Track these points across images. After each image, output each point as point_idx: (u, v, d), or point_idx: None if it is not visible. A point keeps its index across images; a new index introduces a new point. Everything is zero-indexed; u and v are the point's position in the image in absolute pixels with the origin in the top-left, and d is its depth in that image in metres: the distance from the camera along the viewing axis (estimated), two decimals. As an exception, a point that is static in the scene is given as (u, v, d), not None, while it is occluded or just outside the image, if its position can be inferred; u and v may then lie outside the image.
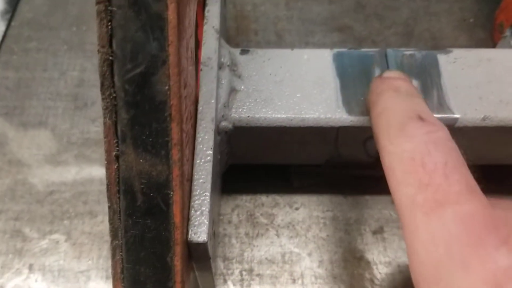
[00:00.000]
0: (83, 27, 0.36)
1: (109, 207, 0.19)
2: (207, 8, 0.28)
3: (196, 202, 0.21)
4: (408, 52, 0.27)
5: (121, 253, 0.20)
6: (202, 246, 0.21)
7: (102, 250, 0.28)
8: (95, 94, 0.33)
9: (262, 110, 0.25)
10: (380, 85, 0.23)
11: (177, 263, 0.19)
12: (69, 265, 0.28)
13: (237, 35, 0.37)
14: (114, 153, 0.19)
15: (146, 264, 0.20)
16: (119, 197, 0.19)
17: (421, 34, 0.36)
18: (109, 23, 0.17)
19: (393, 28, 0.37)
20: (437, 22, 0.37)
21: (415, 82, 0.26)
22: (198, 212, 0.21)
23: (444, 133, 0.20)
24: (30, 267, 0.28)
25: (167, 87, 0.18)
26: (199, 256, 0.21)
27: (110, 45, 0.17)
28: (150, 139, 0.18)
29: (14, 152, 0.31)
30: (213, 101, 0.24)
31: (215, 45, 0.26)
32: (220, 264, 0.28)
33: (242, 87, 0.26)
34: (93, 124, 0.32)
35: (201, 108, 0.24)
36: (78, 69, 0.35)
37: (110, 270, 0.20)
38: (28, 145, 0.31)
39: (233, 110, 0.25)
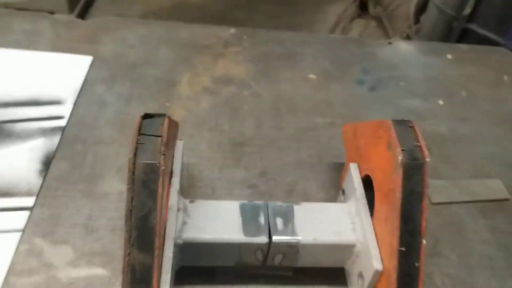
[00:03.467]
0: (92, 182, 0.59)
1: (123, 279, 0.40)
2: (173, 178, 0.51)
3: (163, 277, 0.42)
4: (278, 203, 0.51)
5: (126, 304, 0.40)
6: (166, 302, 0.41)
7: (102, 316, 0.48)
8: (99, 224, 0.55)
9: (200, 234, 0.48)
10: None
11: (153, 308, 0.40)
12: (81, 325, 0.47)
13: (188, 188, 0.60)
14: (127, 252, 0.40)
15: (138, 309, 0.40)
16: (127, 275, 0.40)
17: (298, 191, 0.61)
18: (132, 193, 0.40)
19: (282, 187, 0.62)
20: (308, 184, 0.62)
21: (279, 220, 0.50)
22: (163, 283, 0.42)
23: None
24: (57, 328, 0.46)
25: (154, 221, 0.40)
26: (163, 309, 0.42)
27: (131, 202, 0.40)
28: (145, 245, 0.40)
29: (48, 259, 0.51)
30: (173, 228, 0.46)
31: (176, 199, 0.49)
32: (172, 325, 0.47)
33: (189, 221, 0.49)
34: (96, 242, 0.53)
35: (168, 230, 0.46)
36: (88, 208, 0.56)
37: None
38: (57, 255, 0.52)
39: (184, 233, 0.48)
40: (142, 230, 0.40)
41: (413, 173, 0.44)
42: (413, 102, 0.76)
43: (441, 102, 0.77)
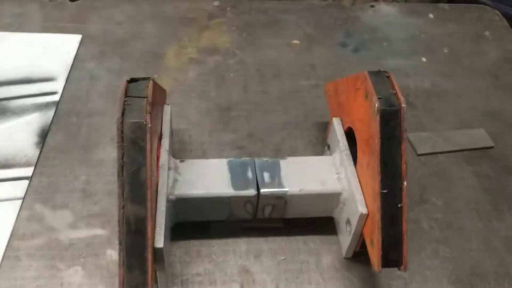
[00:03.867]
0: (87, 151, 0.61)
1: (119, 231, 0.43)
2: (162, 140, 0.53)
3: (157, 229, 0.45)
4: (265, 159, 0.54)
5: (123, 253, 0.42)
6: (160, 250, 0.44)
7: (103, 271, 0.50)
8: (96, 188, 0.57)
9: (190, 190, 0.50)
10: None
11: (149, 255, 0.42)
12: (83, 282, 0.49)
13: (179, 152, 0.62)
14: (122, 205, 0.42)
15: (135, 257, 0.42)
16: (123, 226, 0.43)
17: (285, 149, 0.63)
18: (122, 150, 0.42)
19: (269, 146, 0.64)
20: (294, 142, 0.64)
21: (266, 174, 0.52)
22: (157, 234, 0.44)
23: None
24: (61, 284, 0.49)
25: (145, 175, 0.43)
26: (158, 258, 0.44)
27: (122, 159, 0.42)
28: (138, 197, 0.43)
29: (49, 223, 0.54)
30: (165, 185, 0.49)
31: (166, 158, 0.51)
32: (169, 277, 0.50)
33: (180, 178, 0.51)
34: (95, 205, 0.56)
35: (160, 187, 0.48)
36: (85, 174, 0.59)
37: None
38: (57, 219, 0.54)
39: (175, 189, 0.50)
40: (134, 184, 0.43)
41: (390, 118, 0.46)
42: (396, 61, 0.78)
43: (424, 59, 0.79)
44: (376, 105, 0.46)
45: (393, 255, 0.45)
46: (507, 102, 0.73)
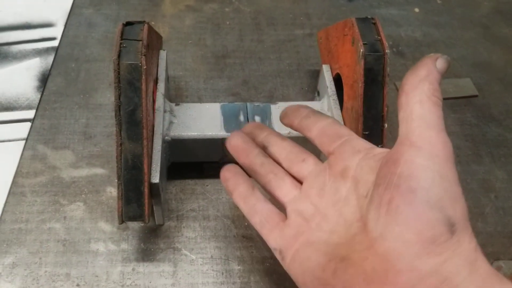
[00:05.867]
0: (87, 95, 0.64)
1: (117, 167, 0.46)
2: (158, 84, 0.56)
3: (153, 166, 0.48)
4: (257, 103, 0.56)
5: (121, 187, 0.46)
6: (156, 185, 0.47)
7: (104, 206, 0.54)
8: (96, 131, 0.60)
9: (185, 132, 0.53)
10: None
11: (146, 190, 0.46)
12: (85, 216, 0.53)
13: (175, 98, 0.65)
14: (119, 143, 0.45)
15: (132, 191, 0.46)
16: (121, 162, 0.46)
17: (277, 96, 0.66)
18: (119, 90, 0.45)
19: (262, 93, 0.66)
20: (287, 90, 0.67)
21: (257, 118, 0.55)
22: (153, 170, 0.48)
23: None
24: (64, 218, 0.53)
25: (141, 115, 0.45)
26: (154, 193, 0.48)
27: (119, 99, 0.45)
28: (134, 135, 0.45)
29: (51, 162, 0.57)
30: (161, 126, 0.51)
31: (162, 101, 0.54)
32: (165, 212, 0.54)
33: (176, 121, 0.54)
34: (95, 147, 0.59)
35: (156, 128, 0.51)
36: (85, 117, 0.61)
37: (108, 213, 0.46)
38: (59, 158, 0.57)
39: (171, 131, 0.53)
40: (131, 123, 0.45)
41: (374, 63, 0.48)
42: (389, 10, 0.79)
43: (416, 9, 0.80)
44: (361, 50, 0.48)
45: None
46: (495, 53, 0.74)
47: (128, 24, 0.49)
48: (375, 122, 0.49)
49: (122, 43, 0.46)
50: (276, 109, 0.56)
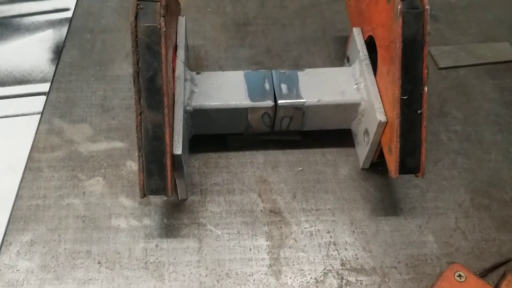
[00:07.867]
0: (103, 67, 0.61)
1: (137, 137, 0.43)
2: (178, 51, 0.52)
3: (175, 137, 0.45)
4: (282, 70, 0.53)
5: (142, 159, 0.43)
6: (178, 157, 0.44)
7: (124, 181, 0.51)
8: (113, 103, 0.57)
9: (207, 101, 0.50)
10: None
11: (168, 161, 0.43)
12: (105, 192, 0.50)
13: (195, 68, 0.61)
14: (139, 112, 0.42)
15: (154, 163, 0.43)
16: (141, 132, 0.43)
17: (303, 64, 0.62)
18: (137, 55, 0.42)
19: (287, 62, 0.62)
20: (312, 58, 0.63)
21: (283, 86, 0.51)
22: (176, 141, 0.45)
23: None
24: (83, 193, 0.50)
25: (161, 82, 0.42)
26: (177, 165, 0.45)
27: (137, 64, 0.42)
28: (155, 104, 0.42)
29: (68, 136, 0.54)
30: (182, 95, 0.48)
31: (182, 69, 0.50)
32: (188, 186, 0.51)
33: (197, 90, 0.51)
34: (113, 120, 0.56)
35: (176, 97, 0.48)
36: (102, 90, 0.58)
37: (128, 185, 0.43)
38: (76, 132, 0.55)
39: (192, 100, 0.50)
40: (150, 90, 0.42)
41: (413, 21, 0.44)
42: (420, -27, 0.74)
43: (449, -29, 0.75)
44: (399, 7, 0.44)
45: (410, 162, 0.45)
46: (536, 14, 0.69)
47: (145, -15, 0.45)
48: (414, 85, 0.45)
49: (139, 4, 0.43)
50: (304, 75, 0.53)
